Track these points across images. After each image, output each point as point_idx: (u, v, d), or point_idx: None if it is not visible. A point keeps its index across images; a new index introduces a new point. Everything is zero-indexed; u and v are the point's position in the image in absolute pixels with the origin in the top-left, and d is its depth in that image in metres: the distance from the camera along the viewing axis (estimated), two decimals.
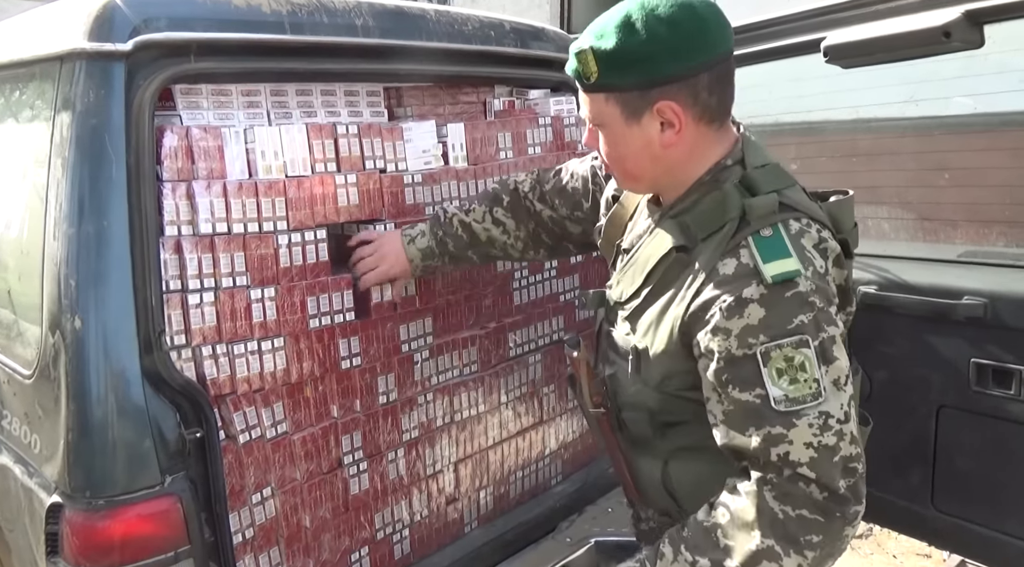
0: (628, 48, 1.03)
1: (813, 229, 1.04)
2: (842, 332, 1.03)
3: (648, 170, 1.13)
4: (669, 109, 1.06)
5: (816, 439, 0.96)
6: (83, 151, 1.24)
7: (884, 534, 3.42)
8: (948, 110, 1.67)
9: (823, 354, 0.97)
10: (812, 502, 0.96)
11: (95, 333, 1.20)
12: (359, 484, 1.63)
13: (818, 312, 0.98)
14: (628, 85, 1.06)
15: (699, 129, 1.08)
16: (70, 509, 1.20)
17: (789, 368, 0.96)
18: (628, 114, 1.08)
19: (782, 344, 0.97)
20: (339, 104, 1.66)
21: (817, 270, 1.01)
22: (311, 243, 1.50)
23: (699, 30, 1.03)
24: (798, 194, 1.08)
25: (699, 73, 1.04)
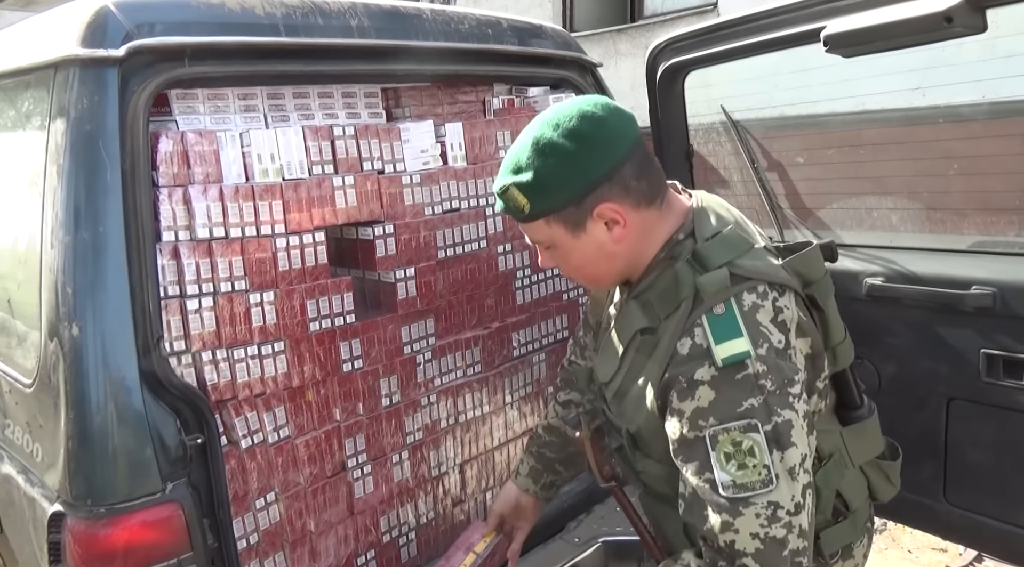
0: (546, 174, 1.07)
1: (769, 300, 1.01)
2: (807, 411, 1.00)
3: (608, 269, 1.15)
4: (608, 210, 1.08)
5: (763, 530, 0.94)
6: (78, 158, 1.24)
7: (899, 529, 3.38)
8: (955, 99, 1.64)
9: (776, 440, 0.95)
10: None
11: (93, 340, 1.20)
12: (364, 487, 1.62)
13: (769, 396, 0.96)
14: (560, 205, 1.09)
15: (642, 215, 1.11)
16: (72, 518, 1.20)
17: (737, 453, 0.95)
18: (572, 228, 1.11)
19: (730, 428, 0.95)
20: (337, 106, 1.66)
21: (774, 346, 0.98)
22: (309, 246, 1.50)
23: (604, 133, 1.07)
24: (754, 259, 1.05)
25: (620, 167, 1.08)
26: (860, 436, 1.17)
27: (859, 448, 1.17)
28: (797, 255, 1.07)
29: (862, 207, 1.85)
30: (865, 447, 1.18)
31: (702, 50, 1.84)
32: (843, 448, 1.15)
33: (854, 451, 1.16)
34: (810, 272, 1.07)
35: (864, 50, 1.48)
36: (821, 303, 1.08)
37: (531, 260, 1.92)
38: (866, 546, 1.26)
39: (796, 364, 1.00)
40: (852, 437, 1.16)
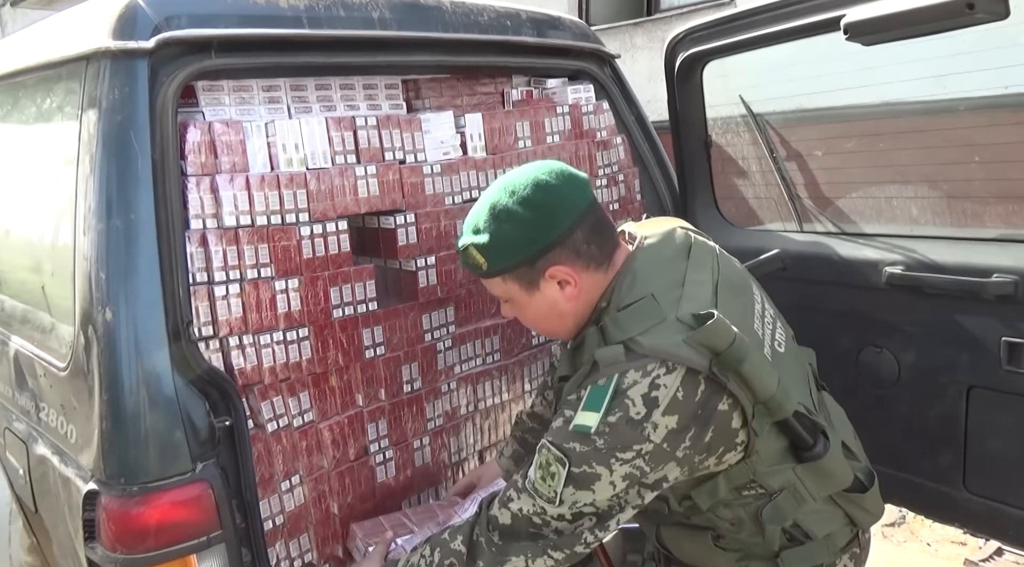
0: (500, 238, 1.20)
1: (650, 378, 1.10)
2: (627, 473, 1.11)
3: (559, 323, 1.28)
4: (559, 272, 1.21)
5: (527, 513, 1.16)
6: (110, 148, 1.27)
7: (918, 521, 3.37)
8: (973, 89, 1.63)
9: (574, 480, 1.12)
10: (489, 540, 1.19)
11: (126, 325, 1.23)
12: (386, 471, 1.65)
13: (593, 450, 1.11)
14: (514, 266, 1.22)
15: (590, 276, 1.23)
16: (106, 496, 1.23)
17: (545, 468, 1.15)
18: (526, 286, 1.24)
19: (552, 450, 1.14)
20: (358, 97, 1.68)
21: (629, 416, 1.10)
22: (332, 234, 1.52)
23: (556, 201, 1.19)
24: (656, 336, 1.13)
25: (571, 233, 1.20)
26: (816, 473, 1.23)
27: (817, 484, 1.23)
28: (698, 331, 1.12)
29: (881, 196, 1.85)
30: (825, 483, 1.24)
31: (720, 40, 1.85)
32: (798, 484, 1.22)
33: (812, 486, 1.23)
34: (715, 343, 1.11)
35: (885, 38, 1.48)
36: (734, 368, 1.12)
37: None
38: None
39: (646, 435, 1.10)
40: (808, 474, 1.23)
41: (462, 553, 1.21)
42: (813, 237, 1.90)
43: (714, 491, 1.21)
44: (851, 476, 1.26)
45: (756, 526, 1.23)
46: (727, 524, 1.25)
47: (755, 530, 1.23)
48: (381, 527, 1.54)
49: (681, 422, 1.11)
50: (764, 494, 1.22)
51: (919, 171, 1.81)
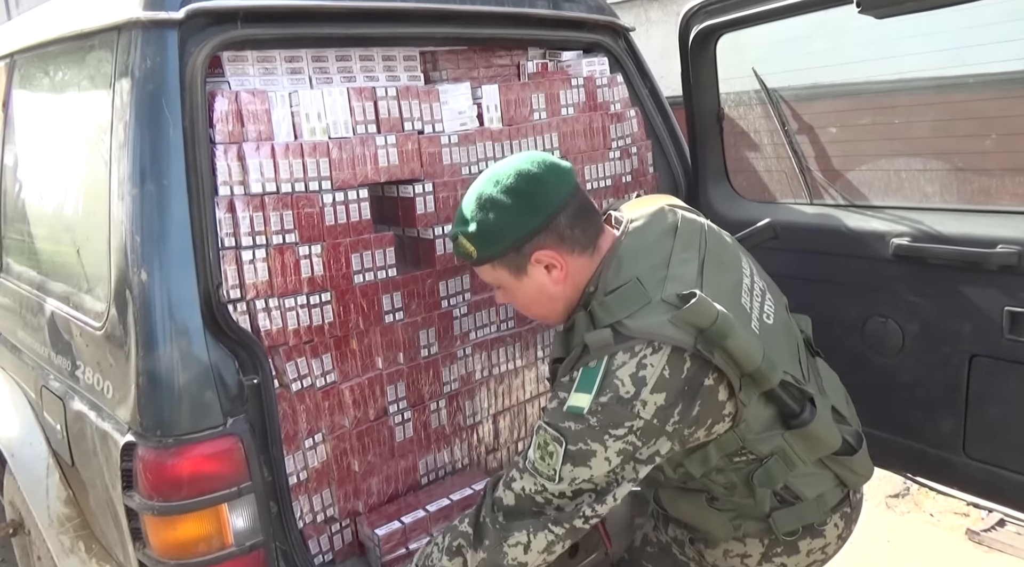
0: (487, 226, 1.26)
1: (637, 358, 1.16)
2: (621, 449, 1.17)
3: (550, 307, 1.35)
4: (545, 256, 1.27)
5: (526, 493, 1.22)
6: (143, 115, 1.32)
7: (922, 493, 3.43)
8: (987, 65, 1.65)
9: (571, 458, 1.18)
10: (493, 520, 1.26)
11: (160, 286, 1.29)
12: (404, 432, 1.71)
13: (587, 429, 1.17)
14: (502, 252, 1.29)
15: (576, 259, 1.29)
16: (143, 447, 1.30)
17: (543, 448, 1.21)
18: (515, 272, 1.31)
19: (548, 430, 1.20)
20: (377, 68, 1.72)
21: (619, 395, 1.15)
22: (354, 202, 1.57)
23: (538, 189, 1.25)
24: (642, 318, 1.18)
25: (555, 218, 1.26)
26: (804, 438, 1.28)
27: (806, 448, 1.29)
28: (682, 310, 1.17)
29: (891, 169, 1.87)
30: (813, 447, 1.30)
31: (735, 12, 1.87)
32: (788, 448, 1.27)
33: (801, 450, 1.28)
34: (699, 321, 1.16)
35: (897, 10, 1.50)
36: (719, 344, 1.17)
37: None
38: (842, 529, 1.37)
39: (636, 413, 1.16)
40: (796, 439, 1.28)
41: (468, 534, 1.28)
42: (822, 209, 1.93)
43: (706, 459, 1.27)
44: (839, 440, 1.32)
45: (748, 489, 1.29)
46: (720, 488, 1.31)
47: (747, 493, 1.29)
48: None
49: (669, 399, 1.16)
50: (755, 459, 1.28)
51: (928, 144, 1.83)
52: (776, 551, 1.33)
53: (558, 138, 1.95)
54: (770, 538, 1.33)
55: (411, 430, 1.73)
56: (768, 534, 1.33)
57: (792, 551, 1.33)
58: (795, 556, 1.34)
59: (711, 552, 1.39)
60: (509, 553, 1.23)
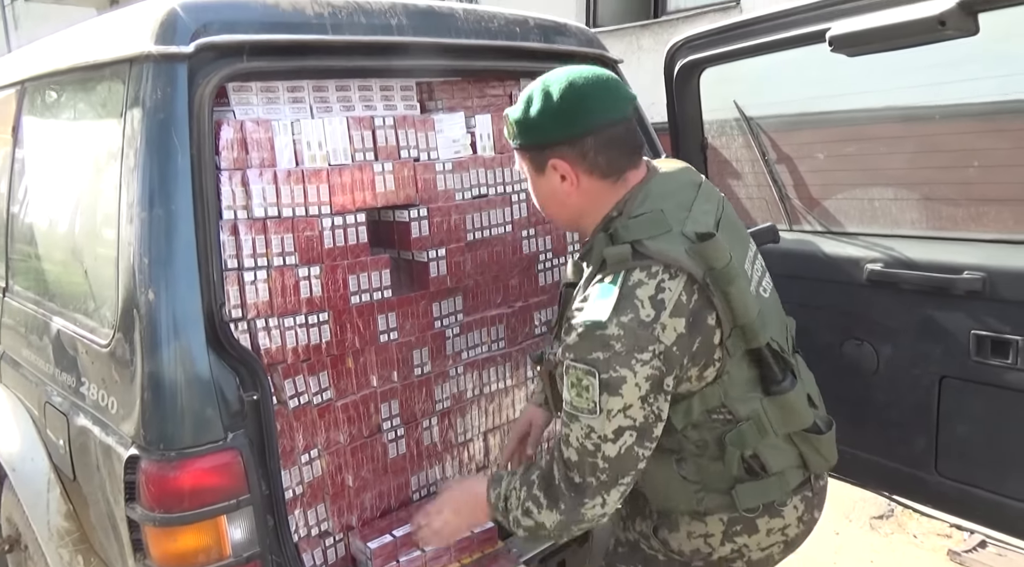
0: (527, 118, 1.31)
1: (656, 280, 1.21)
2: (648, 375, 1.20)
3: (560, 212, 1.39)
4: (560, 166, 1.31)
5: (582, 440, 1.25)
6: (152, 143, 1.39)
7: (906, 514, 3.48)
8: (947, 98, 1.75)
9: (606, 386, 1.20)
10: (568, 481, 1.28)
11: (166, 305, 1.35)
12: (397, 448, 1.77)
13: (614, 355, 1.19)
14: (530, 146, 1.34)
15: (593, 182, 1.32)
16: (146, 460, 1.36)
17: (578, 385, 1.23)
18: (535, 168, 1.36)
19: (577, 367, 1.23)
20: (375, 98, 1.80)
21: (639, 318, 1.19)
22: (352, 226, 1.64)
23: (579, 105, 1.28)
24: (662, 243, 1.24)
25: (584, 137, 1.29)
26: (781, 407, 1.33)
27: (780, 418, 1.34)
28: (700, 244, 1.24)
29: (865, 198, 1.96)
30: (787, 418, 1.34)
31: (717, 48, 1.97)
32: (763, 415, 1.32)
33: (776, 419, 1.33)
34: (712, 260, 1.23)
35: (865, 50, 1.60)
36: (722, 287, 1.24)
37: (553, 244, 2.06)
38: (803, 512, 1.40)
39: (656, 336, 1.20)
40: (772, 406, 1.33)
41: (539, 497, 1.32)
42: (801, 236, 2.01)
43: (688, 411, 1.32)
44: (811, 418, 1.38)
45: (719, 450, 1.33)
46: (692, 447, 1.35)
47: (717, 453, 1.33)
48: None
49: (686, 327, 1.22)
50: (731, 421, 1.33)
51: (900, 174, 1.92)
52: (736, 529, 1.37)
53: None
54: (731, 515, 1.36)
55: (404, 447, 1.78)
56: (729, 510, 1.36)
57: (752, 530, 1.37)
58: (756, 535, 1.37)
59: (675, 537, 1.42)
60: (587, 513, 1.27)
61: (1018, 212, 1.70)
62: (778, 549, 1.41)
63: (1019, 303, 1.56)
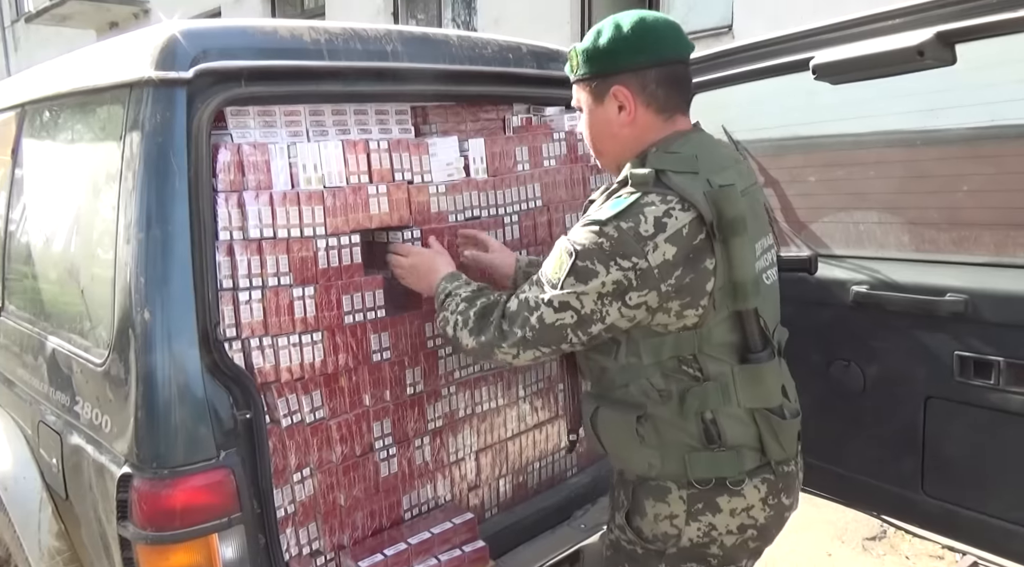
0: (597, 47, 1.38)
1: (666, 205, 1.28)
2: (617, 281, 1.28)
3: (609, 146, 1.46)
4: (621, 93, 1.38)
5: (525, 297, 1.39)
6: (151, 166, 1.42)
7: (898, 536, 3.48)
8: (933, 124, 1.80)
9: (575, 272, 1.31)
10: (498, 324, 1.43)
11: (162, 325, 1.37)
12: (389, 467, 1.78)
13: (598, 251, 1.29)
14: (595, 74, 1.40)
15: (648, 115, 1.39)
16: (139, 479, 1.37)
17: (559, 258, 1.34)
18: (595, 97, 1.42)
19: (566, 241, 1.34)
20: (370, 122, 1.83)
21: (638, 230, 1.27)
22: (346, 247, 1.67)
23: (649, 36, 1.36)
24: (685, 179, 1.30)
25: (648, 68, 1.37)
26: (751, 378, 1.36)
27: (748, 389, 1.36)
28: (718, 190, 1.30)
29: (850, 221, 2.00)
30: (755, 392, 1.37)
31: (705, 76, 2.01)
32: (731, 380, 1.35)
33: (742, 389, 1.36)
34: (724, 208, 1.28)
35: (847, 78, 1.65)
36: (724, 235, 1.29)
37: None
38: (765, 494, 1.39)
39: (644, 251, 1.27)
40: (742, 375, 1.36)
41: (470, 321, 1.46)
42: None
43: (659, 349, 1.36)
44: (779, 399, 1.40)
45: (679, 405, 1.35)
46: (656, 395, 1.37)
47: (677, 410, 1.35)
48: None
49: (677, 256, 1.27)
50: (698, 379, 1.35)
51: (885, 198, 1.96)
52: (698, 507, 1.37)
53: (540, 188, 2.07)
54: (688, 492, 1.37)
55: (396, 466, 1.79)
56: (682, 478, 1.37)
57: (714, 509, 1.37)
58: (720, 515, 1.37)
59: (645, 523, 1.43)
60: (498, 354, 1.42)
61: (999, 236, 1.73)
62: (750, 536, 1.40)
63: (1000, 325, 1.59)
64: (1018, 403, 1.58)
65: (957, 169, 1.78)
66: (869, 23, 1.58)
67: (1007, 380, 1.59)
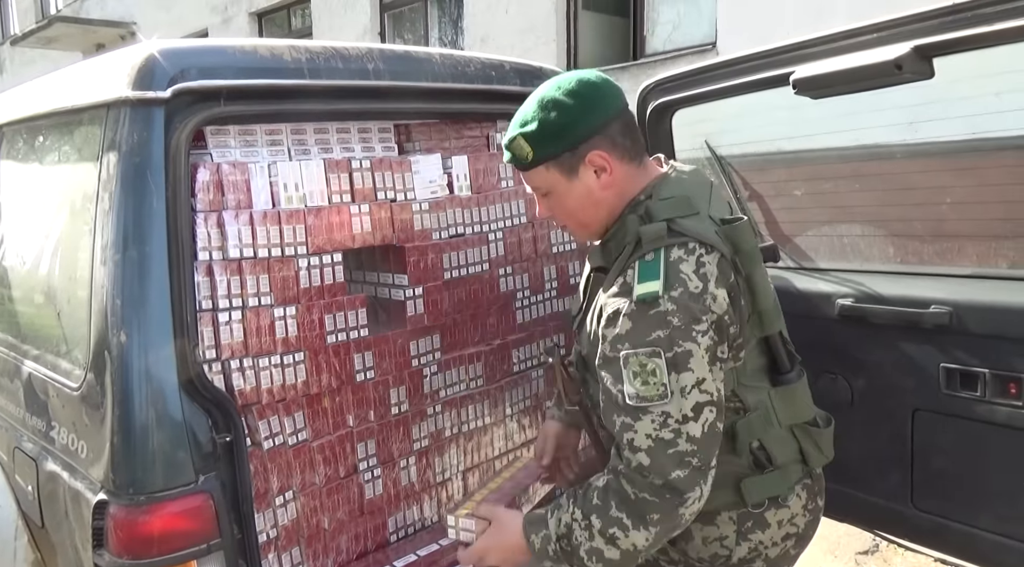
0: (547, 125, 1.29)
1: (695, 256, 1.21)
2: (708, 346, 1.18)
3: (594, 215, 1.36)
4: (598, 157, 1.30)
5: (656, 432, 1.16)
6: (128, 186, 1.40)
7: (890, 550, 3.46)
8: (913, 137, 1.80)
9: (674, 365, 1.16)
10: (650, 487, 1.17)
11: (138, 347, 1.35)
12: (374, 489, 1.75)
13: (674, 330, 1.17)
14: (559, 151, 1.30)
15: (624, 168, 1.32)
16: (115, 505, 1.34)
17: (643, 372, 1.17)
18: (567, 173, 1.32)
19: (639, 353, 1.17)
20: (353, 140, 1.83)
21: (689, 290, 1.18)
22: (328, 266, 1.65)
23: (597, 93, 1.31)
24: (693, 222, 1.25)
25: (610, 123, 1.31)
26: (786, 398, 1.35)
27: (786, 409, 1.35)
28: (730, 226, 1.27)
29: (834, 234, 2.00)
30: (792, 410, 1.36)
31: (687, 91, 2.02)
32: (769, 405, 1.33)
33: (781, 411, 1.34)
34: (740, 241, 1.26)
35: (828, 93, 1.65)
36: (747, 269, 1.26)
37: (530, 282, 2.08)
38: (806, 500, 1.39)
39: (708, 306, 1.19)
40: (779, 397, 1.35)
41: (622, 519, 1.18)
42: (774, 271, 2.04)
43: None
44: (813, 411, 1.40)
45: (730, 441, 1.32)
46: None
47: (729, 446, 1.31)
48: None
49: (729, 296, 1.22)
50: (740, 409, 1.32)
51: (869, 211, 1.97)
52: (748, 526, 1.35)
53: (524, 205, 2.06)
54: (739, 512, 1.35)
55: (381, 487, 1.77)
56: (737, 507, 1.35)
57: (763, 525, 1.35)
58: (768, 530, 1.36)
59: (692, 546, 1.40)
60: (686, 513, 1.19)
61: (982, 247, 1.74)
62: (792, 543, 1.40)
63: (985, 336, 1.59)
64: (1004, 415, 1.57)
65: (940, 181, 1.79)
66: (848, 38, 1.59)
67: (993, 392, 1.58)
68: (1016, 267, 1.69)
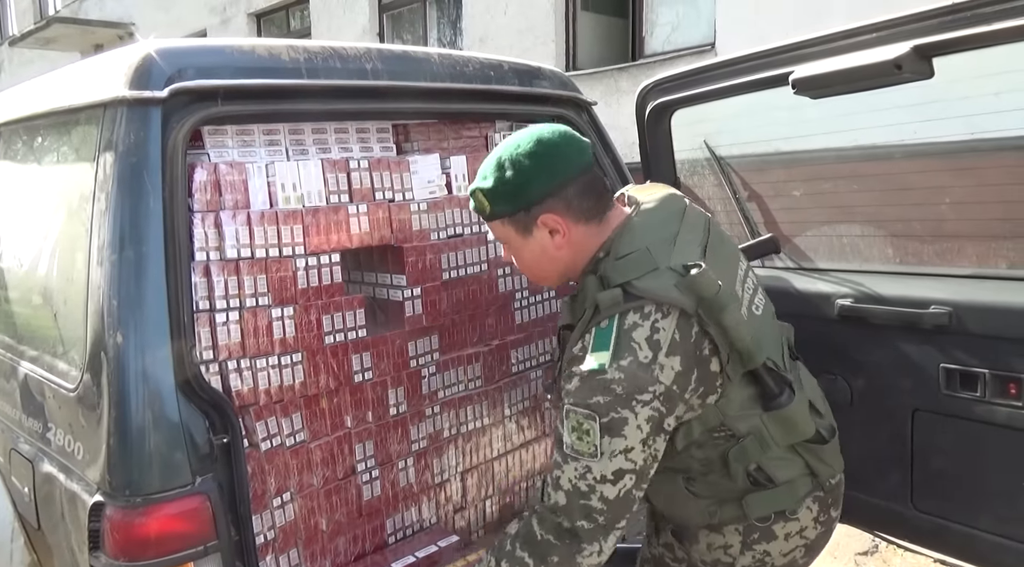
0: (503, 184, 1.32)
1: (650, 321, 1.23)
2: (649, 416, 1.21)
3: (551, 270, 1.41)
4: (551, 220, 1.32)
5: (576, 481, 1.24)
6: (125, 186, 1.39)
7: (890, 551, 3.46)
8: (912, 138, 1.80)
9: (608, 429, 1.21)
10: (556, 529, 1.26)
11: (135, 348, 1.34)
12: (372, 490, 1.74)
13: (615, 398, 1.21)
14: (513, 210, 1.34)
15: (581, 228, 1.34)
16: (111, 507, 1.33)
17: (579, 429, 1.24)
18: (521, 231, 1.36)
19: (577, 411, 1.24)
20: (351, 140, 1.82)
21: (639, 361, 1.21)
22: (326, 266, 1.65)
23: (555, 156, 1.32)
24: (650, 280, 1.25)
25: (566, 186, 1.32)
26: (780, 421, 1.35)
27: (781, 431, 1.35)
28: (688, 277, 1.26)
29: (834, 234, 2.00)
30: (788, 431, 1.36)
31: (686, 91, 2.01)
32: (764, 430, 1.34)
33: (776, 433, 1.35)
34: (702, 290, 1.25)
35: (827, 93, 1.65)
36: (713, 317, 1.25)
37: (529, 283, 2.07)
38: (818, 512, 1.40)
39: (656, 377, 1.21)
40: (772, 421, 1.35)
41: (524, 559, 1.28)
42: (773, 272, 2.04)
43: (689, 432, 1.32)
44: (813, 429, 1.39)
45: (724, 467, 1.34)
46: (698, 464, 1.36)
47: (723, 471, 1.34)
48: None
49: (684, 364, 1.23)
50: (732, 436, 1.33)
51: (868, 211, 1.96)
52: (754, 538, 1.36)
53: None
54: (745, 524, 1.36)
55: (379, 489, 1.76)
56: (742, 521, 1.36)
57: (769, 537, 1.37)
58: (775, 542, 1.37)
59: (696, 549, 1.42)
60: (584, 562, 1.25)
61: (981, 248, 1.73)
62: (800, 553, 1.40)
63: (985, 337, 1.58)
64: (1004, 415, 1.57)
65: (939, 182, 1.79)
66: (847, 38, 1.59)
67: (992, 392, 1.58)
68: (1015, 267, 1.69)
